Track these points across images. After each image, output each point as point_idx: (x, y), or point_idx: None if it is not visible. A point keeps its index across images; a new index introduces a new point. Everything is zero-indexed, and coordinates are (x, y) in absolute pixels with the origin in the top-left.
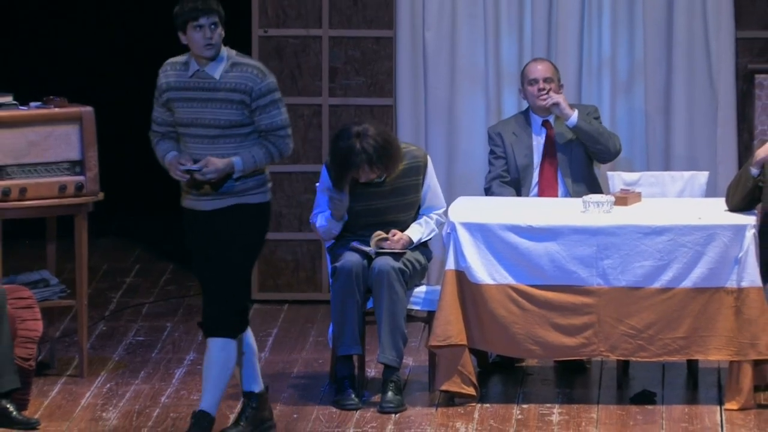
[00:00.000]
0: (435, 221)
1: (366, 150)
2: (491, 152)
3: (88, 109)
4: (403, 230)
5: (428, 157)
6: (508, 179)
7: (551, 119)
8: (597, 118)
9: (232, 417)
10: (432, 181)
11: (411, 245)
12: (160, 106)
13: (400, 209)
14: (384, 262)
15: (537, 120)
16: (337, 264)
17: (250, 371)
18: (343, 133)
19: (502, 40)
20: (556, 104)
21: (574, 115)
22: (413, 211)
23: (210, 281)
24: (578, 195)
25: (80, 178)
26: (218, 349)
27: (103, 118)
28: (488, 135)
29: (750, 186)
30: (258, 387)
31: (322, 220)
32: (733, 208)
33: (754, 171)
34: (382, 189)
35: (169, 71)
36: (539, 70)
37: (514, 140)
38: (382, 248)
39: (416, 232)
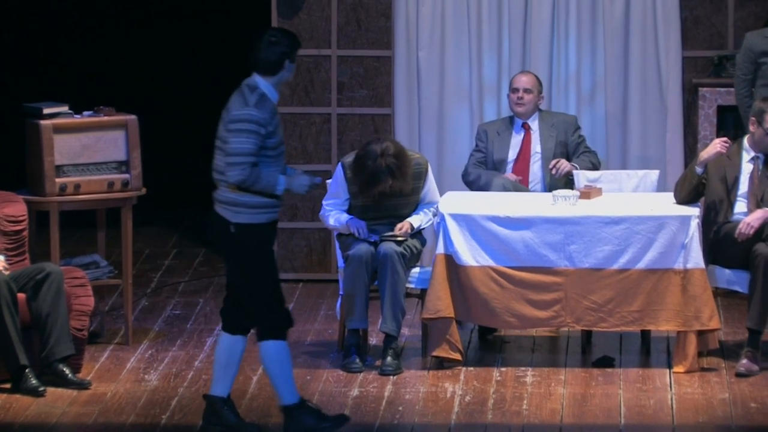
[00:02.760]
0: (432, 213)
1: (390, 167)
2: (475, 145)
3: (133, 117)
4: (401, 220)
5: (428, 164)
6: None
7: (530, 121)
8: (578, 128)
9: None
10: (431, 183)
11: (413, 230)
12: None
13: (403, 207)
14: (388, 246)
15: (518, 121)
16: (350, 252)
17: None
18: (370, 154)
19: (484, 58)
20: (568, 173)
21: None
22: (413, 208)
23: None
24: (552, 189)
25: (126, 175)
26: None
27: (148, 124)
28: (477, 131)
29: (695, 182)
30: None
31: (334, 221)
32: (681, 201)
33: (699, 170)
34: (389, 194)
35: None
36: (522, 81)
37: (496, 137)
38: (387, 236)
39: (416, 219)
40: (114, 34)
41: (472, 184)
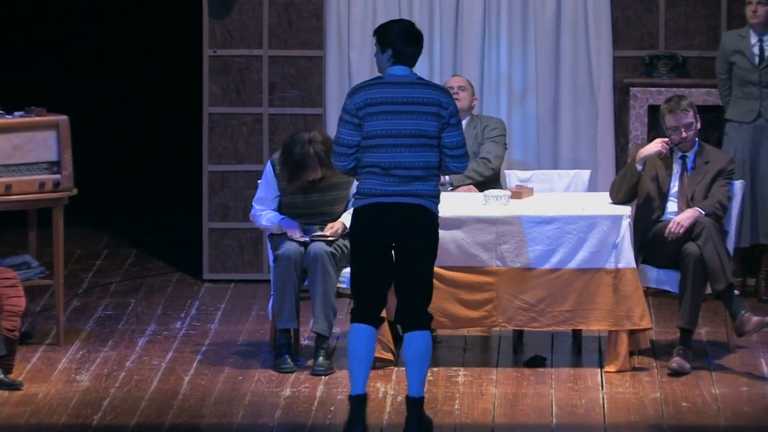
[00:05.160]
0: None
1: (318, 154)
2: None
3: (64, 117)
4: (333, 221)
5: None
6: None
7: (462, 124)
8: (495, 129)
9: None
10: None
11: (345, 230)
12: None
13: (332, 203)
14: (318, 246)
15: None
16: (279, 252)
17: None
18: (297, 141)
19: None
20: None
21: (446, 179)
22: (343, 204)
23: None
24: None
25: (57, 176)
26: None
27: (77, 124)
28: None
29: (635, 180)
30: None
31: (266, 221)
32: (618, 200)
33: (639, 167)
34: (319, 185)
35: None
36: (455, 80)
37: None
38: (317, 236)
39: (348, 219)
40: (43, 34)
41: None
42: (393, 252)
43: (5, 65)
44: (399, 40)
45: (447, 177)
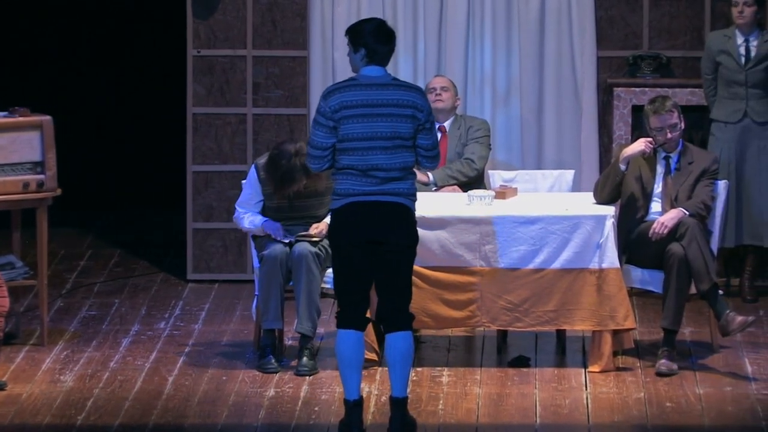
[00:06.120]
0: None
1: (304, 166)
2: None
3: (48, 118)
4: (318, 221)
5: None
6: None
7: (446, 124)
8: (479, 131)
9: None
10: None
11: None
12: None
13: (317, 207)
14: (303, 247)
15: (436, 124)
16: (264, 252)
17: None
18: (283, 154)
19: (399, 58)
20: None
21: (430, 178)
22: (327, 207)
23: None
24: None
25: (41, 176)
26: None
27: (61, 124)
28: None
29: (618, 180)
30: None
31: (249, 224)
32: (601, 201)
33: (623, 167)
34: (303, 192)
35: None
36: (437, 80)
37: None
38: (302, 235)
39: None
40: (28, 34)
41: None
42: (373, 250)
43: None
44: (371, 39)
45: (431, 177)
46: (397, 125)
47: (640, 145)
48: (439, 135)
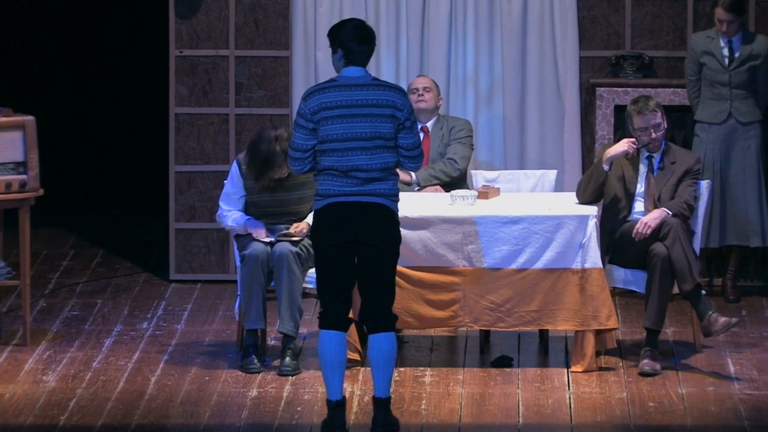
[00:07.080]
0: None
1: (285, 151)
2: None
3: (30, 118)
4: (300, 220)
5: None
6: None
7: (429, 125)
8: (462, 131)
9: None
10: None
11: (310, 230)
12: None
13: (299, 202)
14: (284, 247)
15: (418, 124)
16: (245, 252)
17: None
18: (263, 138)
19: (382, 58)
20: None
21: (413, 178)
22: (309, 204)
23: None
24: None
25: (23, 176)
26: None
27: (43, 124)
28: None
29: (602, 180)
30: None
31: (232, 222)
32: (584, 201)
33: (606, 167)
34: (285, 183)
35: None
36: (420, 81)
37: None
38: (282, 235)
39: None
40: (7, 33)
41: None
42: (355, 251)
43: None
44: (348, 39)
45: (414, 177)
46: (377, 125)
47: (624, 145)
48: (421, 135)
